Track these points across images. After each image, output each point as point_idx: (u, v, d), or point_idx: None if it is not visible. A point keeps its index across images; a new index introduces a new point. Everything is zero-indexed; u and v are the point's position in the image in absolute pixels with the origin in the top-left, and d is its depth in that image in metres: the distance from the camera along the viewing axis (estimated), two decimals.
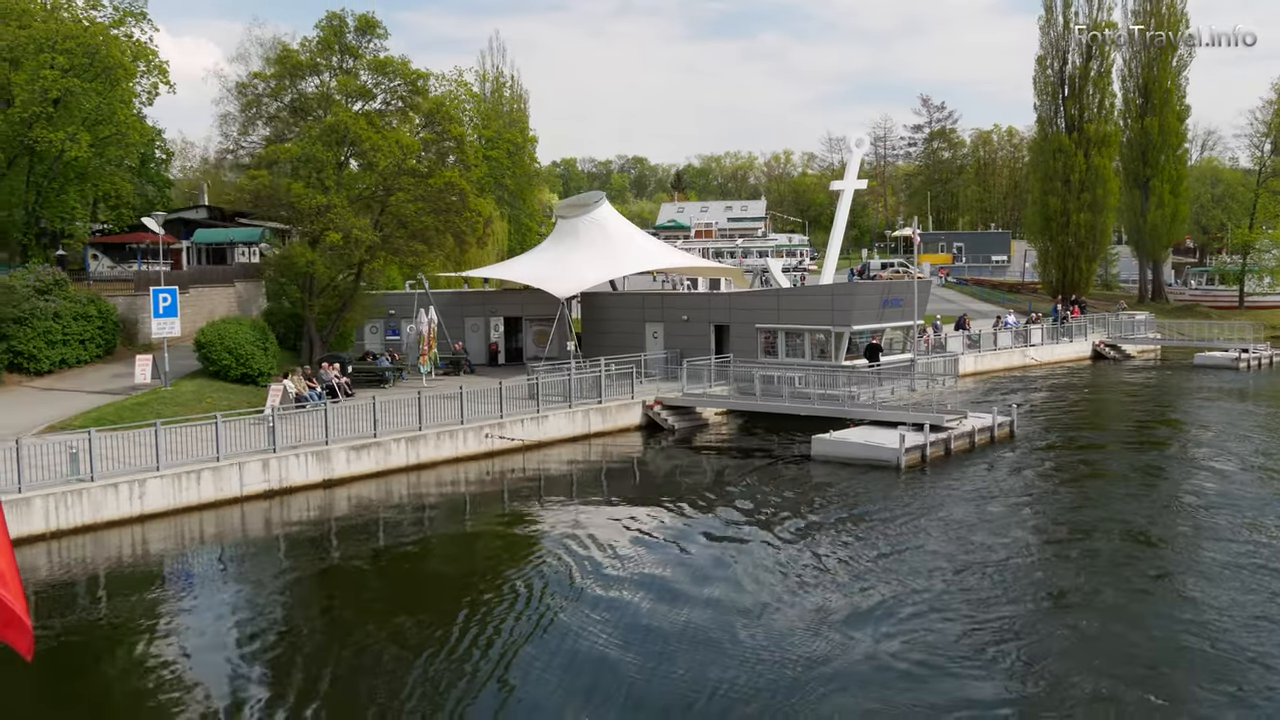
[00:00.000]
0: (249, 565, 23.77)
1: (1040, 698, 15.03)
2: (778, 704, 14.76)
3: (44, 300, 39.70)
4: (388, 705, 15.18)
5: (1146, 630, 17.63)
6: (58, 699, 16.36)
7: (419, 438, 31.02)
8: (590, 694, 15.30)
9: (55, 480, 24.34)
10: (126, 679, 16.97)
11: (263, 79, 41.51)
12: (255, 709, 15.16)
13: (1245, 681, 15.33)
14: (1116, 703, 14.75)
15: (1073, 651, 16.69)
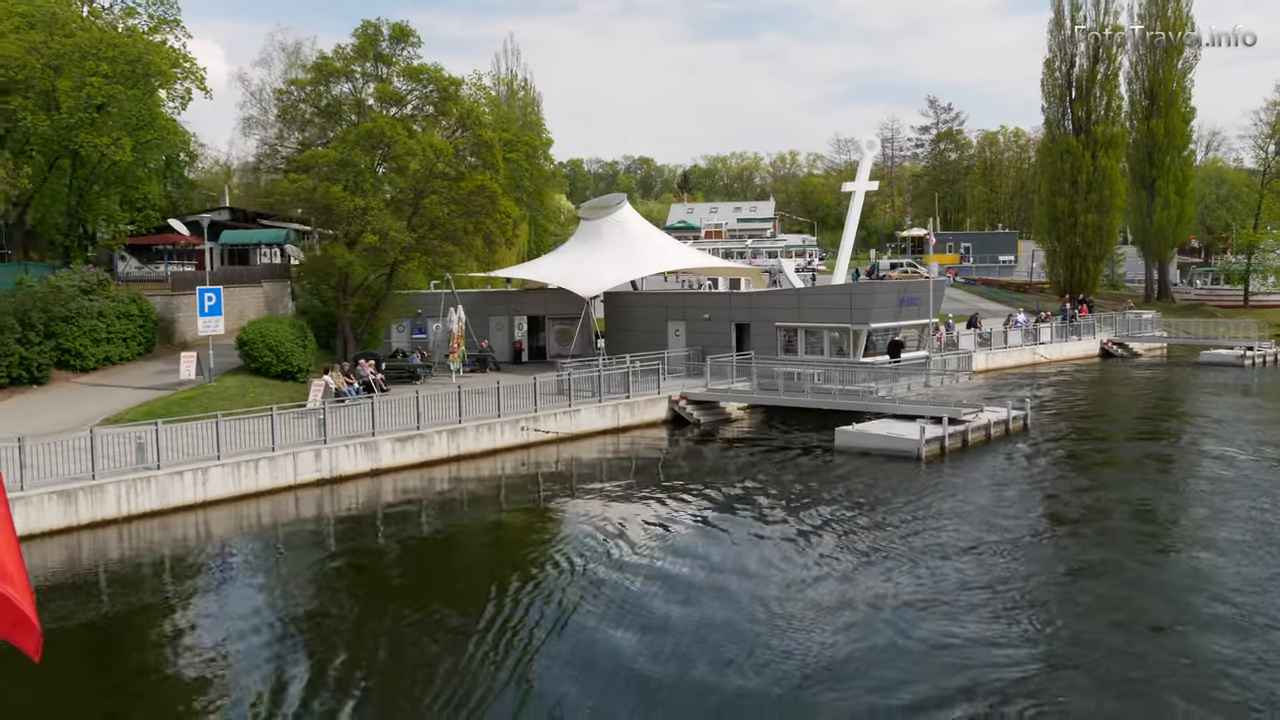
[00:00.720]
0: (302, 550, 25.08)
1: (1065, 655, 16.39)
2: (820, 671, 16.11)
3: (88, 300, 41.11)
4: (419, 680, 16.06)
5: (1163, 596, 19.10)
6: (125, 670, 17.71)
7: (459, 430, 32.42)
8: (620, 678, 16.09)
9: (124, 469, 25.74)
10: (185, 652, 18.02)
11: (299, 85, 42.91)
12: (298, 683, 16.05)
13: (1258, 639, 16.68)
14: (1139, 658, 16.13)
15: (1094, 613, 18.10)
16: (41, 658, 5.29)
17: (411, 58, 42.00)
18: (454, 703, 15.15)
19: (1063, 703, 14.75)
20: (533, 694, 15.41)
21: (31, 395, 37.51)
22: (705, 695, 15.18)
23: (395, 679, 16.12)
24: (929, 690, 15.07)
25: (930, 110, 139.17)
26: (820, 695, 15.06)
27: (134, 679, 17.09)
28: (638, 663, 16.43)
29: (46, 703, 16.18)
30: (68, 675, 17.13)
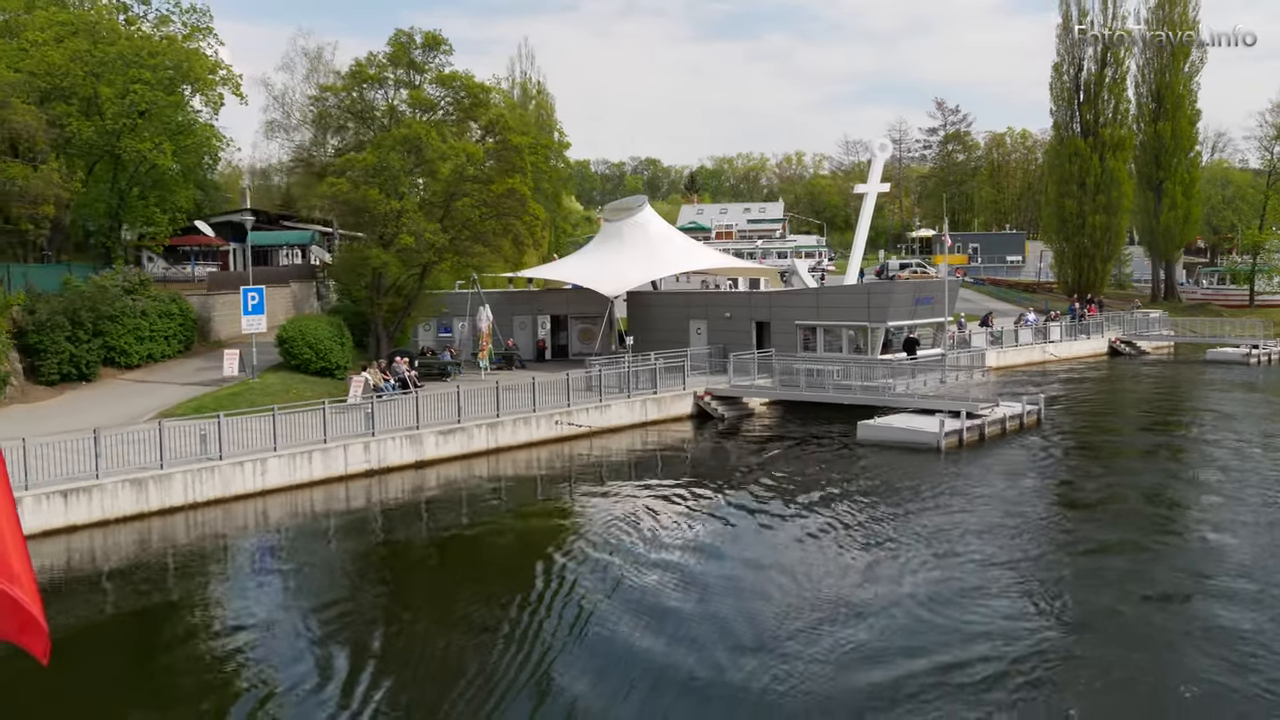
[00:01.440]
0: (352, 538, 26.46)
1: (1082, 622, 17.81)
2: (857, 641, 17.50)
3: (131, 300, 42.56)
4: (453, 667, 16.89)
5: (1179, 571, 20.58)
6: (189, 643, 19.11)
7: (498, 424, 33.85)
8: (653, 663, 16.77)
9: (188, 459, 27.18)
10: (233, 634, 18.94)
11: (333, 91, 44.35)
12: (338, 666, 17.10)
13: (1270, 609, 18.10)
14: (1155, 625, 17.53)
15: (1110, 586, 19.56)
16: (50, 659, 5.17)
17: (443, 65, 43.43)
18: (487, 689, 15.90)
19: (1081, 661, 16.13)
20: (567, 676, 16.30)
21: (82, 391, 38.97)
22: (744, 677, 16.57)
23: (429, 665, 17.06)
24: (956, 655, 16.46)
25: (938, 112, 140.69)
26: (858, 663, 16.44)
27: (181, 659, 18.21)
28: (674, 649, 17.43)
29: (125, 673, 17.63)
30: (136, 653, 18.58)
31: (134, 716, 15.76)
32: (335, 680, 16.31)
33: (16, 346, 39.00)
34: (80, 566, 23.44)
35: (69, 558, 23.78)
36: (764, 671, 16.02)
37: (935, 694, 15.07)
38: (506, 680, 16.03)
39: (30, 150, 36.99)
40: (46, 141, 37.72)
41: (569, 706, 15.13)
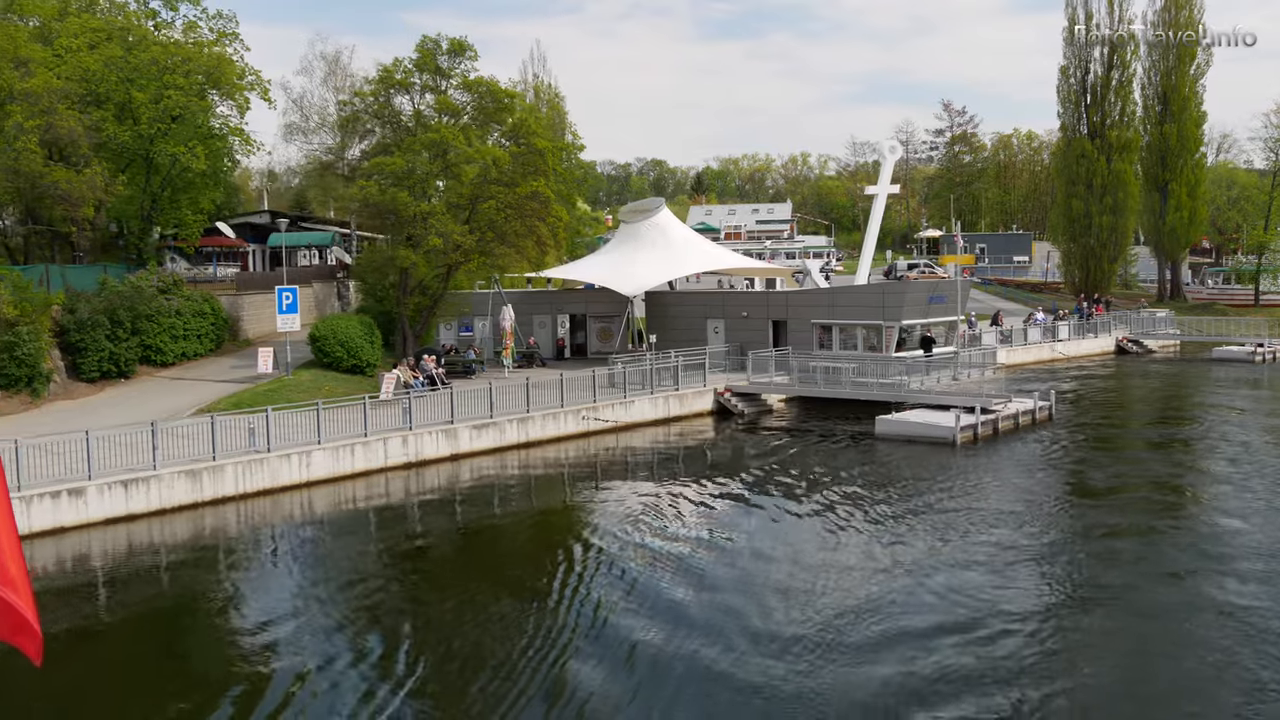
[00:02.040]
0: (391, 528, 27.54)
1: (1099, 599, 18.96)
2: (883, 617, 18.66)
3: (166, 299, 43.80)
4: (486, 655, 17.97)
5: (1190, 550, 21.80)
6: (235, 624, 20.31)
7: (528, 419, 35.04)
8: (682, 648, 17.56)
9: (238, 451, 28.38)
10: (274, 620, 19.99)
11: (361, 97, 45.57)
12: (372, 645, 18.36)
13: (1276, 584, 19.29)
14: (1167, 600, 18.71)
15: (1121, 563, 20.73)
16: (43, 660, 5.15)
17: (468, 70, 44.63)
18: (521, 674, 16.63)
19: (1093, 630, 17.30)
20: (594, 658, 17.20)
21: (122, 388, 40.22)
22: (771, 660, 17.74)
23: (458, 647, 17.84)
24: (973, 626, 17.64)
25: (945, 114, 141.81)
26: (883, 635, 17.61)
27: (225, 640, 19.30)
28: (703, 635, 18.59)
29: (192, 649, 18.83)
30: (186, 635, 19.79)
31: (182, 692, 16.81)
32: (369, 661, 17.21)
33: (58, 345, 40.28)
34: (140, 553, 24.63)
35: (129, 545, 24.98)
36: (797, 653, 17.18)
37: (963, 659, 16.24)
38: (533, 663, 16.78)
39: (74, 155, 38.19)
40: (89, 146, 38.85)
41: (597, 687, 15.99)
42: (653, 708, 15.13)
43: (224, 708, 15.59)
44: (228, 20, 52.23)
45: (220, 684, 16.53)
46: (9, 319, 37.34)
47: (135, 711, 16.00)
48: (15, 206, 38.80)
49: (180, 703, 15.92)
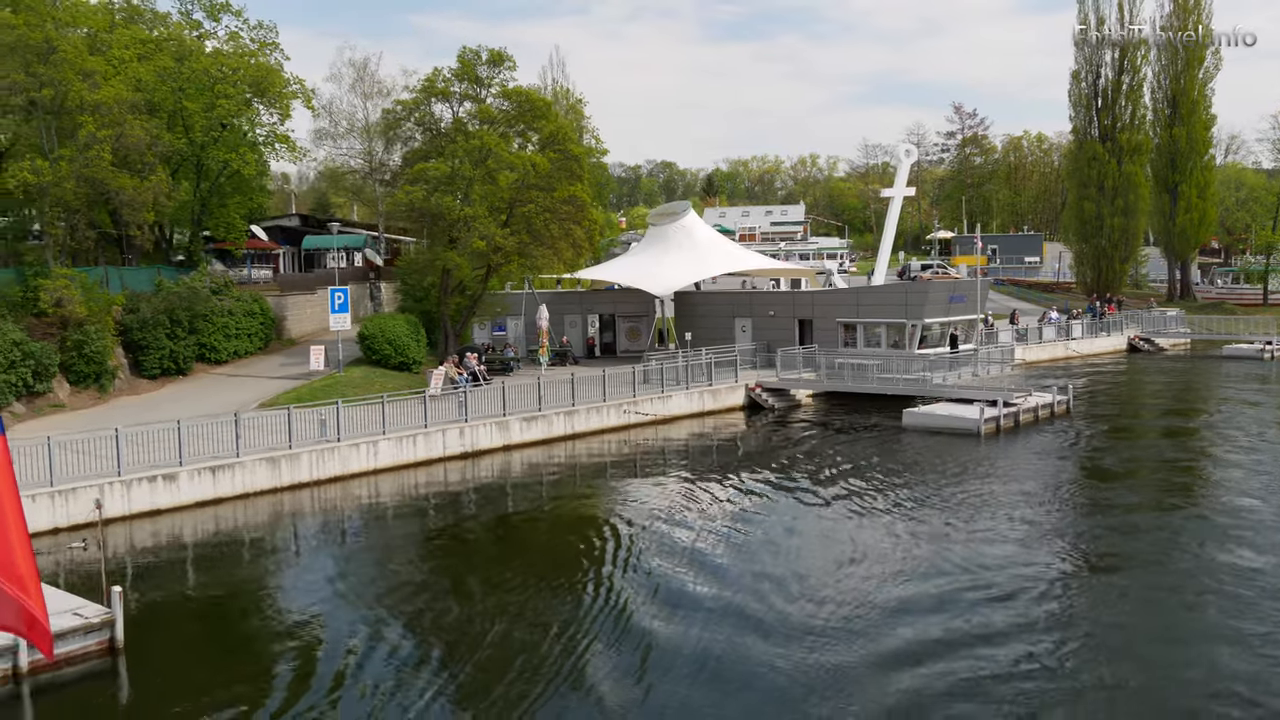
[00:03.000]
0: (449, 512, 29.34)
1: (1119, 566, 20.84)
2: (916, 586, 20.53)
3: (219, 300, 45.79)
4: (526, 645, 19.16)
5: (1204, 523, 23.64)
6: (304, 595, 22.19)
7: (574, 412, 36.94)
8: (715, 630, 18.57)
9: (311, 441, 30.31)
10: (334, 599, 21.90)
11: (404, 105, 47.52)
12: (425, 622, 20.65)
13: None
14: (1182, 566, 20.59)
15: (1143, 535, 22.55)
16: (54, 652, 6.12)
17: (507, 80, 46.54)
18: (561, 655, 17.64)
19: (1111, 590, 19.17)
20: (634, 640, 18.61)
21: (181, 384, 42.21)
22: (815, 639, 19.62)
23: (502, 625, 19.13)
24: (1004, 589, 19.52)
25: (956, 116, 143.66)
26: (936, 595, 19.49)
27: (292, 616, 21.29)
28: (740, 618, 20.62)
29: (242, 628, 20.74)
30: (257, 612, 21.70)
31: (254, 656, 18.57)
32: (422, 635, 18.92)
33: (121, 343, 42.29)
34: (226, 533, 26.55)
35: (217, 526, 26.90)
36: (833, 631, 19.07)
37: (996, 618, 18.13)
38: (570, 646, 18.18)
39: (138, 162, 40.15)
40: (154, 154, 40.82)
41: (642, 660, 17.45)
42: (705, 658, 16.98)
43: (286, 671, 17.27)
44: (268, 30, 54.19)
45: (288, 650, 18.26)
46: (78, 318, 39.35)
47: (216, 673, 17.85)
48: (84, 212, 40.67)
49: (251, 666, 17.67)
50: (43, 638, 5.95)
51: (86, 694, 16.25)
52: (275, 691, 16.11)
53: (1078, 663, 16.49)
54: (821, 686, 15.73)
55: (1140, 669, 16.25)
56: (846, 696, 15.36)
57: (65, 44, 38.93)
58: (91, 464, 26.46)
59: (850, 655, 16.90)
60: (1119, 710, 14.91)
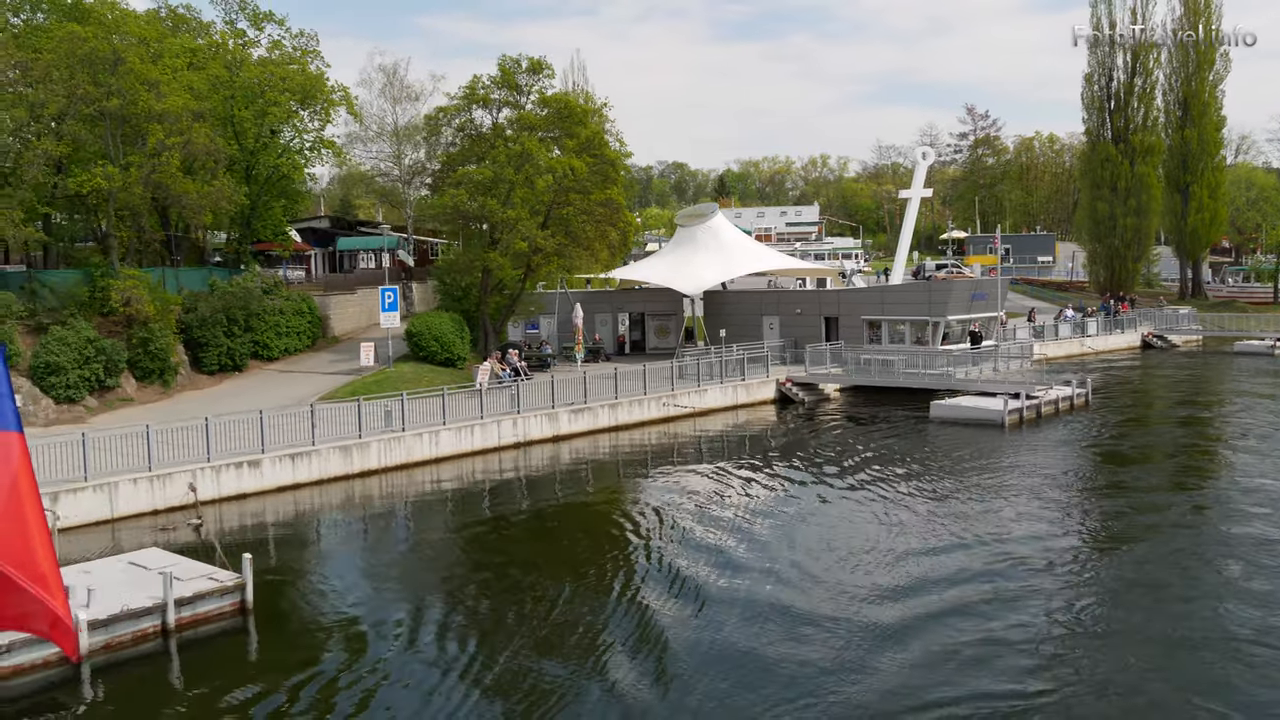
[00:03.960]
0: (503, 498, 31.22)
1: (1140, 535, 22.74)
2: (945, 558, 22.44)
3: (270, 299, 47.83)
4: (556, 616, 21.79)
5: (1219, 499, 25.50)
6: (370, 574, 24.15)
7: (617, 405, 38.90)
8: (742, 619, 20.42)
9: (377, 431, 32.29)
10: (390, 581, 24.36)
11: (446, 112, 49.53)
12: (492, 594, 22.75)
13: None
14: (1197, 533, 22.50)
15: (1162, 510, 24.46)
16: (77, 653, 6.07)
17: (546, 87, 48.55)
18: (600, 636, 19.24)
19: (1129, 555, 21.07)
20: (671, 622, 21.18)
21: (238, 380, 44.24)
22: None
23: (546, 609, 20.68)
24: (1042, 558, 21.43)
25: (968, 117, 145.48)
26: (974, 564, 21.40)
27: (355, 592, 23.44)
28: (776, 605, 22.72)
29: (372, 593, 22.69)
30: (325, 590, 23.67)
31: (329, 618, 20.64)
32: (473, 612, 21.23)
33: (181, 340, 44.32)
34: (306, 515, 28.53)
35: (296, 508, 28.88)
36: (872, 607, 21.00)
37: (1031, 580, 20.05)
38: (613, 626, 20.19)
39: (201, 168, 42.22)
40: (216, 160, 42.86)
41: (684, 635, 19.47)
42: (756, 615, 18.90)
43: (374, 628, 19.28)
44: (309, 38, 56.31)
45: (374, 613, 20.19)
46: (144, 317, 41.39)
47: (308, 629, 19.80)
48: (151, 215, 42.75)
49: (350, 627, 19.68)
50: (65, 636, 5.86)
51: (224, 647, 18.20)
52: (370, 647, 18.06)
53: (1109, 613, 18.42)
54: (871, 648, 17.64)
55: (1163, 619, 18.16)
56: (900, 650, 17.26)
57: (132, 55, 40.91)
58: (183, 451, 28.45)
59: (900, 613, 18.82)
60: (1142, 652, 16.80)
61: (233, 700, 15.92)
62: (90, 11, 47.75)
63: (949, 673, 16.25)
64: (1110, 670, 16.29)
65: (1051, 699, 15.34)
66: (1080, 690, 15.60)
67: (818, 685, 15.89)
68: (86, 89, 39.57)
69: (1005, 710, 14.99)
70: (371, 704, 15.73)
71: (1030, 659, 16.75)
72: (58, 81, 38.84)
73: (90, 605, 17.01)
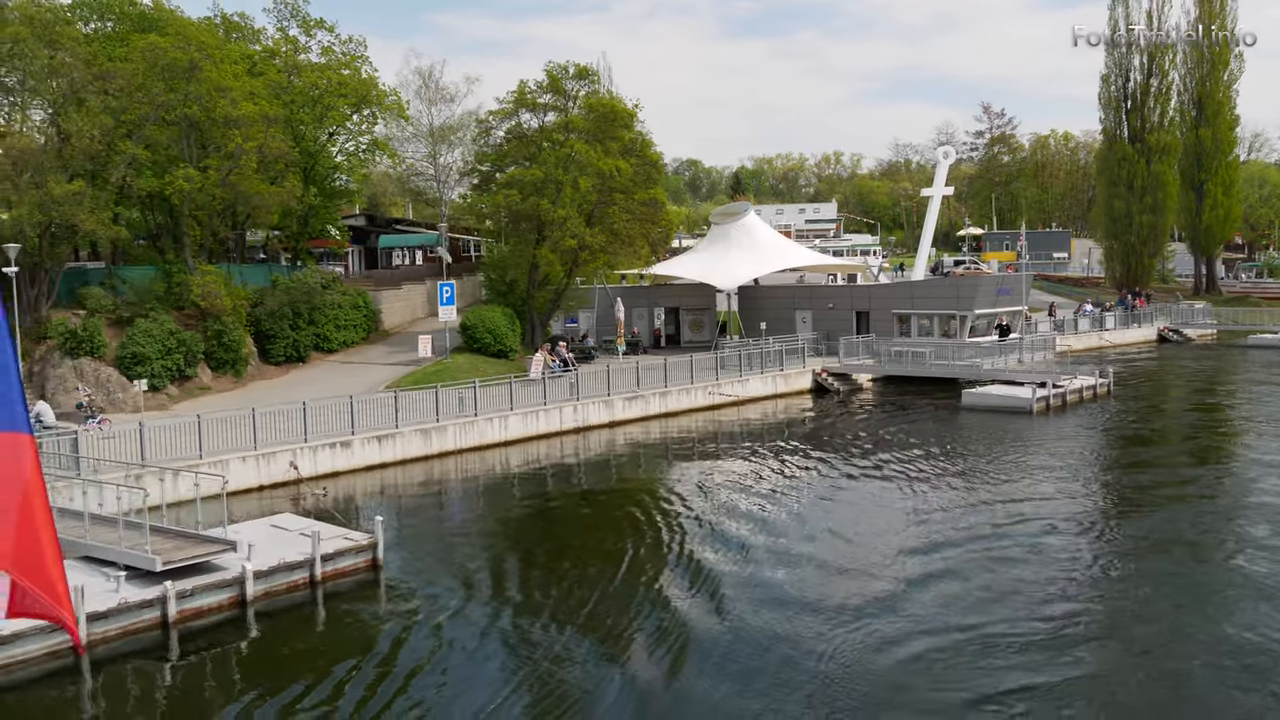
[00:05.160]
0: (566, 478, 33.63)
1: (1161, 504, 25.15)
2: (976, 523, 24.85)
3: (328, 294, 50.36)
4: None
5: (1235, 474, 27.86)
6: (442, 550, 26.60)
7: (667, 393, 41.36)
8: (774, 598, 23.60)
9: (452, 416, 34.79)
10: (474, 550, 26.97)
11: (497, 116, 52.02)
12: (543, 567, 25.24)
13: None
14: (1213, 502, 24.91)
15: (1184, 485, 26.88)
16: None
17: (592, 93, 50.93)
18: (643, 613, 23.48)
19: (1148, 521, 23.49)
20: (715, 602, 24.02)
21: (304, 370, 46.79)
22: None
23: (594, 586, 24.48)
24: (1080, 523, 23.85)
25: (984, 116, 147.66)
26: (1009, 547, 23.82)
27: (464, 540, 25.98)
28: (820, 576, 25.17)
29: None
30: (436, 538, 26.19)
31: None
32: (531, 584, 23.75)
33: (251, 333, 46.88)
34: (392, 491, 31.05)
35: (382, 486, 31.39)
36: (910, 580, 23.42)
37: (1082, 543, 22.47)
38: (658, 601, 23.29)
39: (273, 170, 44.79)
40: (286, 163, 45.42)
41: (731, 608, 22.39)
42: (799, 579, 21.34)
43: (484, 576, 21.87)
44: (358, 44, 58.83)
45: (477, 570, 22.88)
46: (218, 310, 43.95)
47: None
48: (225, 215, 45.33)
49: (464, 581, 22.25)
50: (70, 630, 6.17)
51: (361, 596, 20.69)
52: (477, 594, 20.63)
53: (1141, 568, 20.88)
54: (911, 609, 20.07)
55: (1185, 572, 20.58)
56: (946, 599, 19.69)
57: (207, 64, 43.44)
58: (281, 433, 30.96)
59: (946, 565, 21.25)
60: (1167, 600, 19.19)
61: (374, 636, 18.45)
62: (156, 20, 50.32)
63: (1014, 614, 18.66)
64: (1159, 611, 18.71)
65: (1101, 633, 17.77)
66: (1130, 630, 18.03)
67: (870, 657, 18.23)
68: (166, 97, 42.11)
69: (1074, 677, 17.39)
70: (485, 642, 18.21)
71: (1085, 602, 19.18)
72: (140, 89, 41.38)
73: (251, 559, 19.50)
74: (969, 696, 15.41)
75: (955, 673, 16.29)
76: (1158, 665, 16.63)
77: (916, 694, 15.64)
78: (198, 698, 16.32)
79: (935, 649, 17.21)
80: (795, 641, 17.64)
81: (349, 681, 16.45)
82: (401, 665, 17.12)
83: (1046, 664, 16.53)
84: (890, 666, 16.59)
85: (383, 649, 17.87)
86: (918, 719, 15.01)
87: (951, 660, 16.77)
